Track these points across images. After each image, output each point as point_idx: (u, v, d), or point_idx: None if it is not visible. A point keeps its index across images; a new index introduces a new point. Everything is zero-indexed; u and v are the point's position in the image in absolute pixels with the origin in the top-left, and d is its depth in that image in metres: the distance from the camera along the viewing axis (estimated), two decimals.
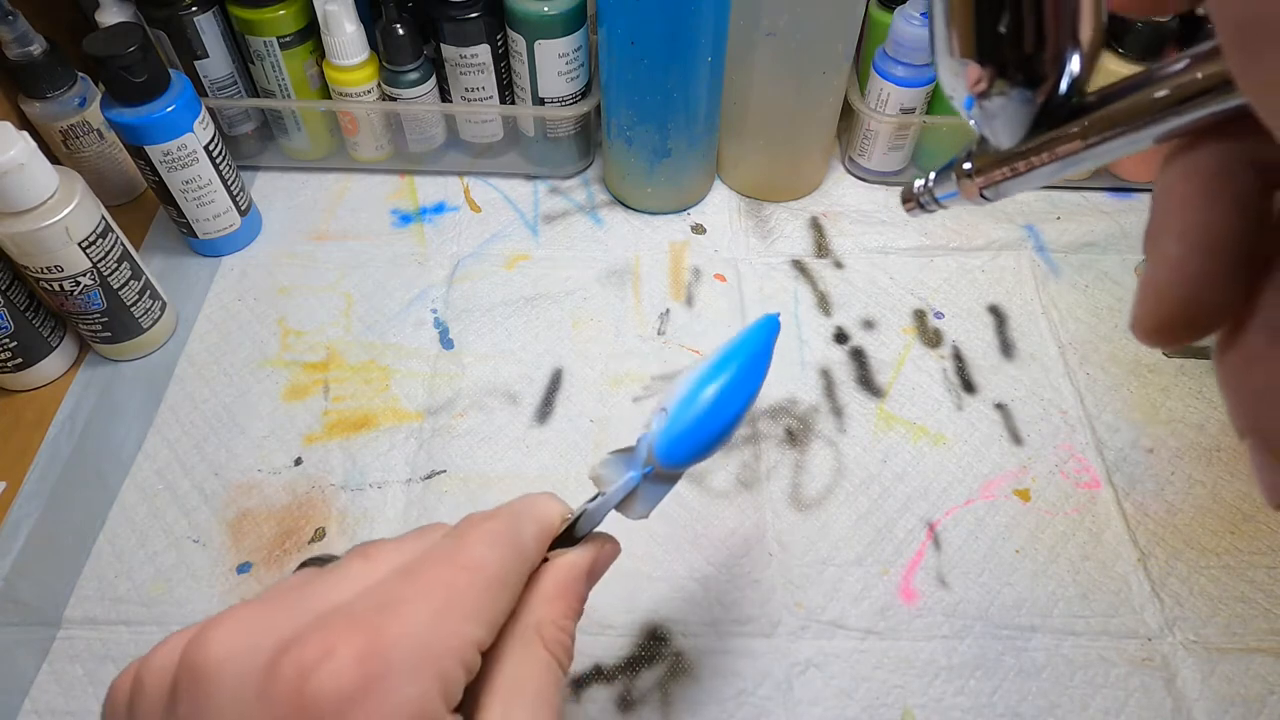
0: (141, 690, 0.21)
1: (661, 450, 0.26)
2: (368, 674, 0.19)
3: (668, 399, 0.26)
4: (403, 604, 0.21)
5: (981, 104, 0.16)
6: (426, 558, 0.23)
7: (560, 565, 0.26)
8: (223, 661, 0.20)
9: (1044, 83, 0.15)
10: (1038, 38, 0.15)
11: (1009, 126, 0.17)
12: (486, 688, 0.23)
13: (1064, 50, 0.15)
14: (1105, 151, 0.16)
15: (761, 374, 0.27)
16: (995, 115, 0.16)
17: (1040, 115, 0.16)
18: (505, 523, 0.24)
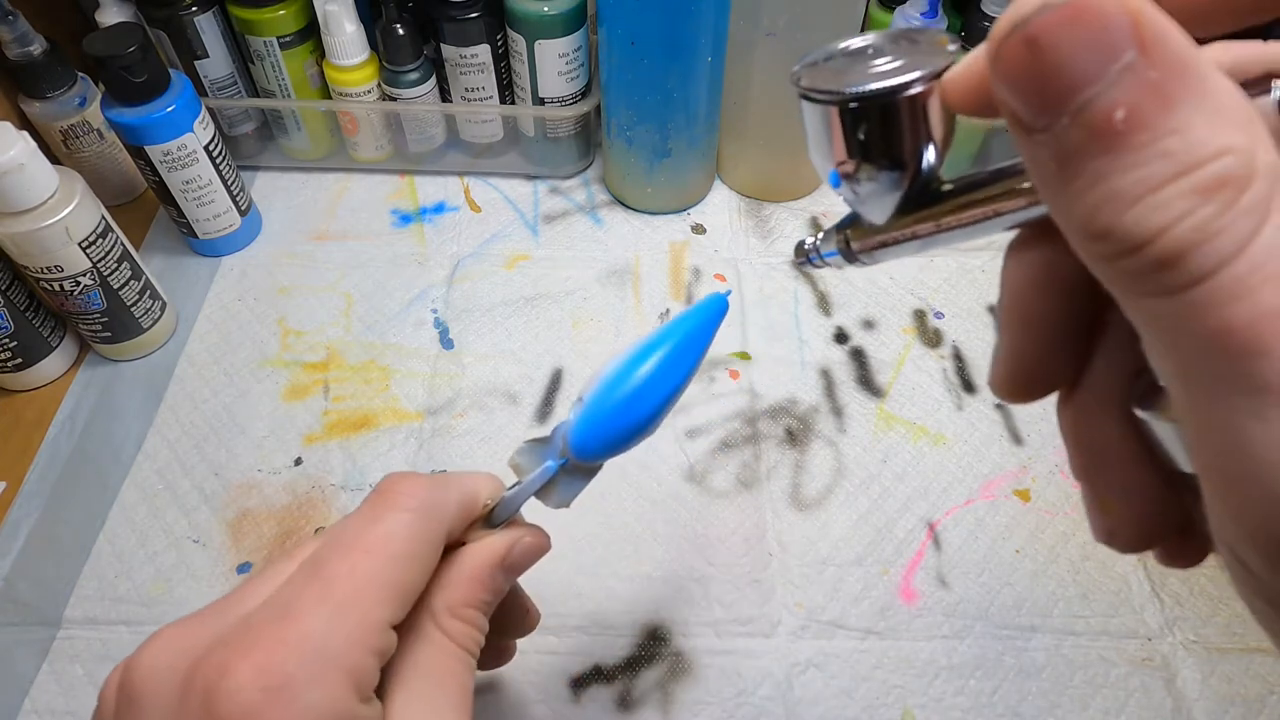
0: (99, 709, 0.22)
1: (574, 443, 0.25)
2: (266, 688, 0.19)
3: (587, 386, 0.25)
4: (302, 606, 0.21)
5: (854, 189, 0.18)
6: (334, 542, 0.23)
7: (469, 551, 0.26)
8: (146, 681, 0.21)
9: (904, 170, 0.17)
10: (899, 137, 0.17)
11: (878, 208, 0.19)
12: (391, 670, 0.23)
13: (920, 145, 0.17)
14: (959, 236, 0.18)
15: (694, 360, 0.25)
16: (866, 199, 0.18)
17: (905, 199, 0.18)
18: (421, 487, 0.24)
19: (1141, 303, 0.13)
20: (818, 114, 0.17)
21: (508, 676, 0.39)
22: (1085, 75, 0.12)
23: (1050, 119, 0.12)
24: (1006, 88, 0.13)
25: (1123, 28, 0.12)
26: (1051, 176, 0.13)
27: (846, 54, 0.18)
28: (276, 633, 0.20)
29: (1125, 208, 0.12)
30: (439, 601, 0.24)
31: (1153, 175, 0.12)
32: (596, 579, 0.42)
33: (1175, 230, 0.12)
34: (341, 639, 0.21)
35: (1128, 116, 0.12)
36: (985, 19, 0.53)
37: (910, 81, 0.16)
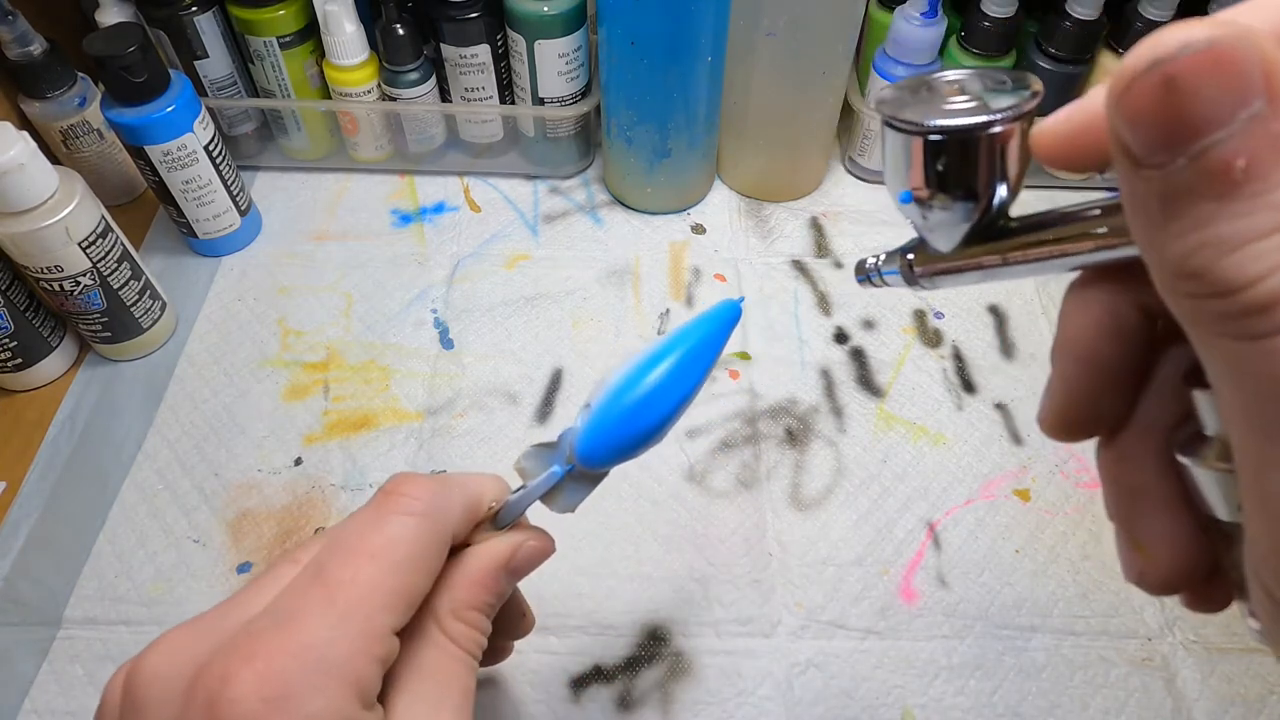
0: (102, 711, 0.22)
1: (581, 450, 0.25)
2: (268, 697, 0.19)
3: (595, 393, 0.25)
4: (304, 613, 0.21)
5: (925, 215, 0.19)
6: (337, 546, 0.22)
7: (473, 554, 0.26)
8: (152, 686, 0.20)
9: (976, 203, 0.18)
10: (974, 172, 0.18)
11: (946, 236, 0.19)
12: (393, 673, 0.23)
13: (993, 182, 0.18)
14: (1022, 271, 0.19)
15: (704, 368, 0.25)
16: (935, 226, 0.19)
17: (972, 231, 0.19)
18: (427, 490, 0.24)
19: (1219, 342, 0.13)
20: (899, 141, 0.18)
21: (508, 676, 0.39)
22: (1214, 120, 0.12)
23: (1167, 158, 0.13)
24: (1128, 122, 0.13)
25: (1256, 76, 0.12)
26: (1153, 213, 0.13)
27: (933, 85, 0.18)
28: (279, 641, 0.20)
29: (1225, 253, 0.12)
30: (443, 604, 0.24)
31: (1259, 225, 0.12)
32: (596, 579, 0.42)
33: (1271, 280, 0.12)
34: (344, 647, 0.20)
35: (1248, 165, 0.12)
36: (985, 19, 0.53)
37: (992, 121, 0.17)
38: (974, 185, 0.18)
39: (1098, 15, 0.51)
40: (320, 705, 0.20)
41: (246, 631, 0.21)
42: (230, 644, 0.20)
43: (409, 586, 0.23)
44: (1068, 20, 0.52)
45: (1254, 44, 0.12)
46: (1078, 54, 0.53)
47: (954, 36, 0.56)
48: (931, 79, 0.19)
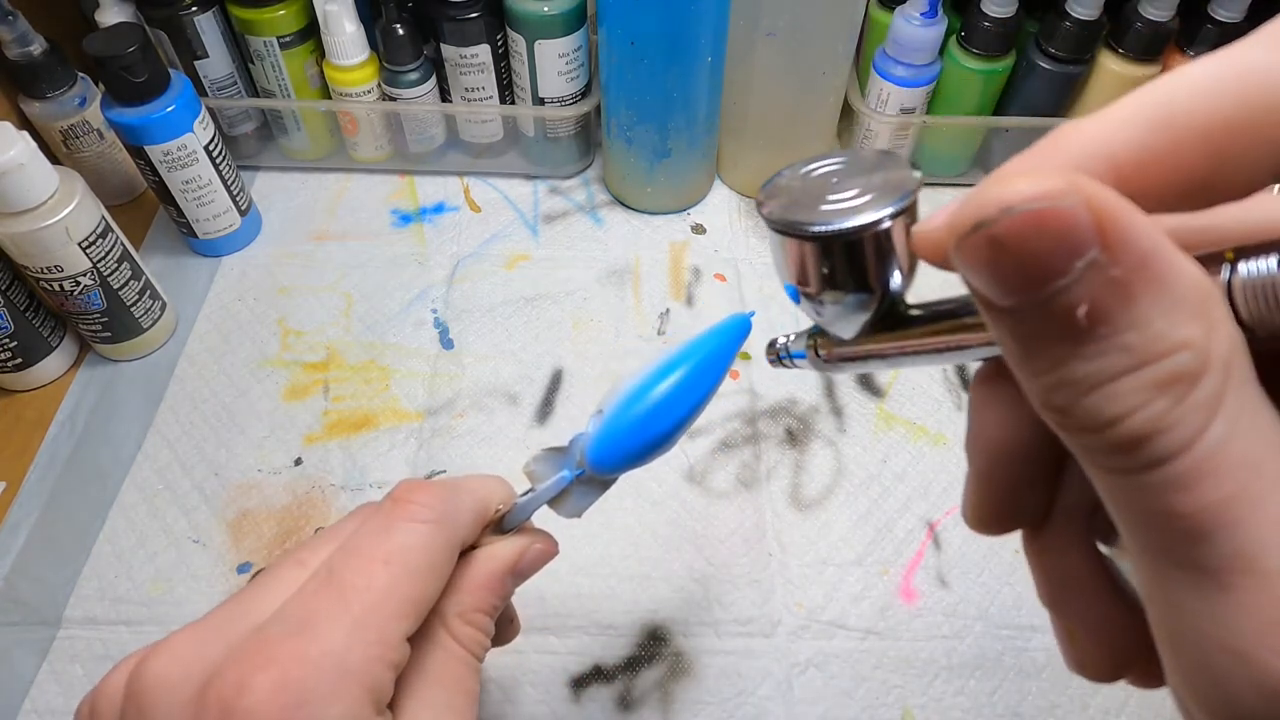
0: (97, 716, 0.21)
1: (592, 456, 0.25)
2: (285, 704, 0.19)
3: (607, 399, 0.25)
4: (319, 619, 0.21)
5: (817, 311, 0.19)
6: (349, 551, 0.22)
7: (481, 557, 0.26)
8: (159, 691, 0.20)
9: (870, 295, 0.18)
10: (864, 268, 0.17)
11: (845, 326, 0.19)
12: (401, 676, 0.22)
13: (886, 273, 0.17)
14: (924, 360, 0.18)
15: (715, 379, 0.25)
16: (831, 320, 0.19)
17: (870, 320, 0.18)
18: (437, 498, 0.24)
19: (1097, 473, 0.13)
20: (783, 241, 0.18)
21: (508, 676, 0.39)
22: (1048, 273, 0.12)
23: (1012, 304, 0.13)
24: (970, 272, 0.13)
25: (1087, 227, 0.12)
26: (1013, 352, 0.14)
27: (812, 178, 0.18)
28: (294, 648, 0.20)
29: (1083, 393, 0.13)
30: (450, 607, 0.24)
31: (1111, 367, 0.12)
32: (596, 579, 0.42)
33: (1131, 420, 0.12)
34: (360, 654, 0.20)
35: (1090, 312, 0.12)
36: (985, 19, 0.53)
37: (878, 220, 0.16)
38: (865, 281, 0.17)
39: (1098, 15, 0.51)
40: (337, 712, 0.20)
41: (259, 637, 0.21)
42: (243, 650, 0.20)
43: (422, 593, 0.23)
44: (1068, 20, 0.52)
45: (1081, 197, 0.12)
46: (1078, 54, 0.53)
47: (954, 36, 0.56)
48: (810, 170, 0.18)
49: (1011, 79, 0.56)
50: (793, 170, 0.19)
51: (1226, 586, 0.12)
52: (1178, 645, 0.13)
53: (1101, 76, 0.55)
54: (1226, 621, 0.12)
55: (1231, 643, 0.12)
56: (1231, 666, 0.12)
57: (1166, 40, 0.52)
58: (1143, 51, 0.52)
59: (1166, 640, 0.14)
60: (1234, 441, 0.12)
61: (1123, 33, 0.53)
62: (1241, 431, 0.12)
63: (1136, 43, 0.52)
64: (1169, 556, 0.13)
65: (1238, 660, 0.12)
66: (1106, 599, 0.18)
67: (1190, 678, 0.13)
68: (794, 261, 0.18)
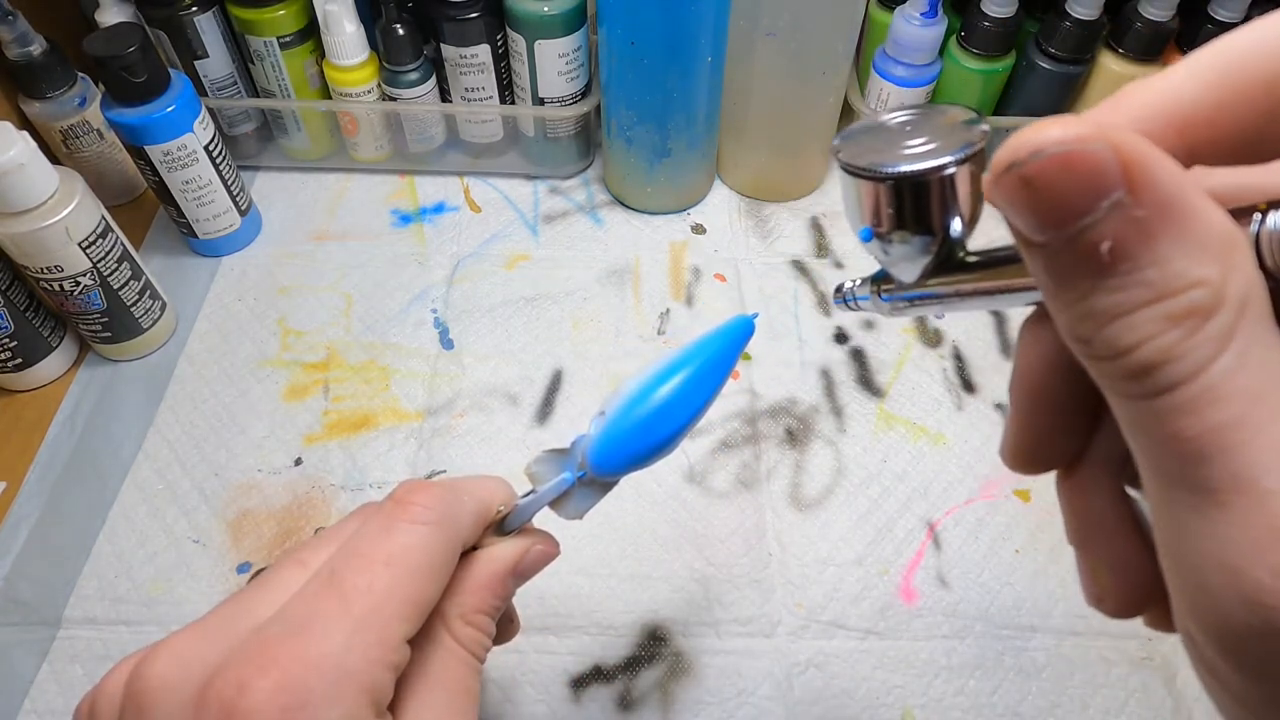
0: (96, 717, 0.21)
1: (594, 458, 0.25)
2: (286, 706, 0.19)
3: (610, 401, 0.25)
4: (320, 620, 0.21)
5: (885, 250, 0.20)
6: (350, 552, 0.22)
7: (482, 558, 0.26)
8: (159, 692, 0.20)
9: (932, 239, 0.19)
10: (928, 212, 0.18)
11: (907, 269, 0.20)
12: (402, 678, 0.22)
13: (948, 218, 0.18)
14: (978, 303, 0.19)
15: (718, 382, 0.25)
16: (896, 261, 0.20)
17: (932, 264, 0.20)
18: (439, 499, 0.24)
19: (1116, 399, 0.14)
20: (856, 185, 0.19)
21: (508, 676, 0.39)
22: (1075, 211, 0.13)
23: (1046, 239, 0.14)
24: (1006, 208, 0.14)
25: (1113, 169, 0.13)
26: (1045, 285, 0.15)
27: (886, 128, 0.19)
28: (295, 649, 0.20)
29: (1104, 324, 0.14)
30: (451, 608, 0.24)
31: (1130, 300, 0.13)
32: (596, 579, 0.42)
33: (1144, 349, 0.13)
34: (361, 656, 0.20)
35: (1113, 249, 0.13)
36: (985, 19, 0.53)
37: (943, 165, 0.17)
38: (929, 224, 0.18)
39: (1098, 15, 0.51)
40: (337, 714, 0.20)
41: (260, 638, 0.20)
42: (244, 651, 0.20)
43: (423, 595, 0.22)
44: (1068, 20, 0.52)
45: (1107, 141, 0.13)
46: (1078, 54, 0.53)
47: (954, 36, 0.56)
48: (884, 121, 0.20)
49: (1011, 79, 0.56)
50: (869, 120, 0.20)
51: (1224, 505, 0.13)
52: (1179, 564, 0.14)
53: (1101, 76, 0.55)
54: (1222, 538, 0.13)
55: (1226, 559, 0.13)
56: (1225, 582, 0.13)
57: (1166, 40, 0.52)
58: (1143, 51, 0.52)
59: (1169, 560, 0.14)
60: (1241, 373, 0.13)
61: (1123, 33, 0.53)
62: (1250, 365, 0.13)
63: (1136, 43, 0.52)
64: (1174, 478, 0.14)
65: (1231, 576, 0.13)
66: (1130, 538, 0.19)
67: (1188, 595, 0.14)
68: (867, 204, 0.19)
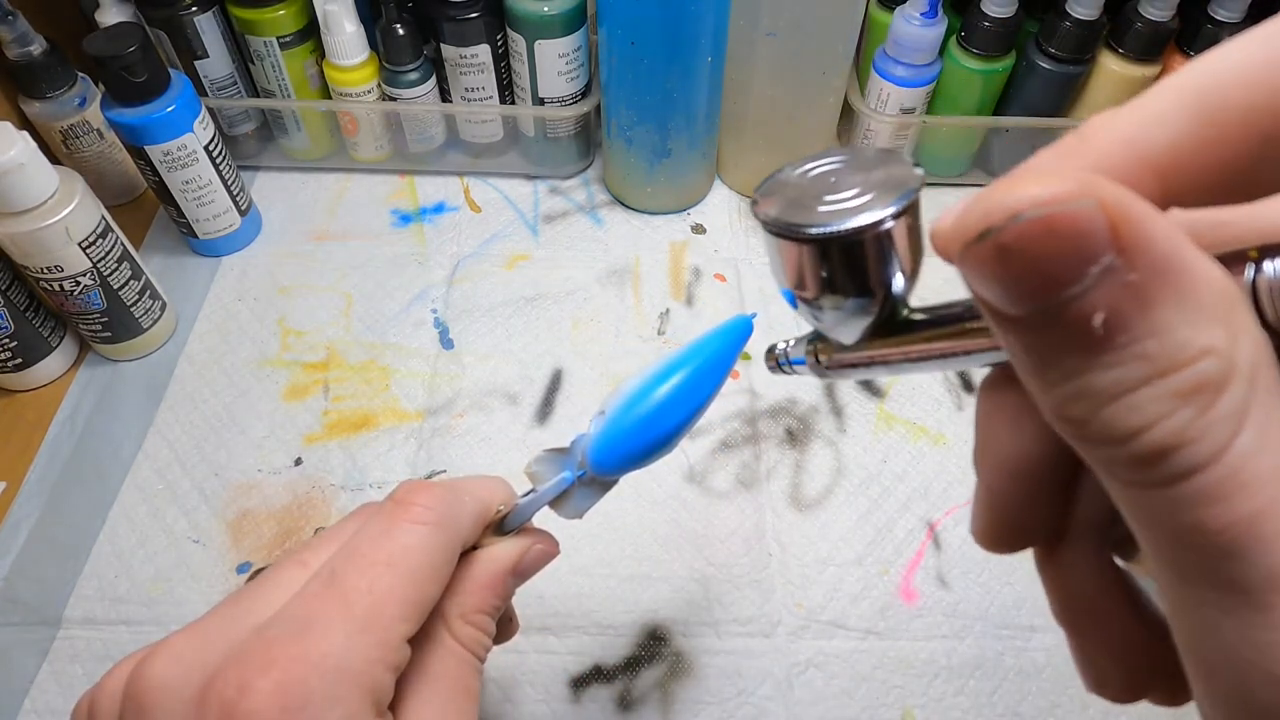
0: (96, 717, 0.21)
1: (594, 457, 0.25)
2: (286, 706, 0.19)
3: (609, 401, 0.25)
4: (321, 620, 0.21)
5: (816, 316, 0.18)
6: (351, 552, 0.22)
7: (482, 557, 0.26)
8: (159, 692, 0.20)
9: (871, 299, 0.17)
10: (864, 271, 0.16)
11: (846, 332, 0.18)
12: (403, 678, 0.22)
13: (888, 275, 0.16)
14: (929, 366, 0.17)
15: (717, 381, 0.25)
16: (831, 325, 0.18)
17: (872, 325, 0.18)
18: (439, 499, 0.24)
19: (1117, 487, 0.13)
20: (778, 245, 0.17)
21: (507, 676, 0.39)
22: (1060, 279, 0.11)
23: (1025, 312, 0.12)
24: (976, 281, 0.12)
25: (1101, 231, 0.11)
26: (1025, 364, 0.13)
27: (809, 177, 0.17)
28: (296, 650, 0.20)
29: (1102, 405, 0.12)
30: (452, 608, 0.24)
31: (1130, 377, 0.12)
32: (596, 579, 0.42)
33: (1152, 433, 0.12)
34: (362, 657, 0.20)
35: (1107, 320, 0.11)
36: (985, 19, 0.53)
37: (879, 220, 0.15)
38: (865, 284, 0.16)
39: (1098, 15, 0.51)
40: (338, 714, 0.20)
41: (261, 639, 0.20)
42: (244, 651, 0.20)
43: (423, 596, 0.22)
44: (1068, 20, 0.52)
45: (1095, 199, 0.11)
46: (1078, 54, 0.53)
47: (954, 36, 0.56)
48: (808, 169, 0.18)
49: (1011, 79, 0.56)
50: (790, 169, 0.18)
51: (1264, 607, 0.11)
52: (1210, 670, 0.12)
53: (1101, 76, 0.55)
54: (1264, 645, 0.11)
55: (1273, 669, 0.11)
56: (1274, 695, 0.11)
57: (1166, 40, 0.52)
58: (1143, 51, 0.52)
59: (1197, 664, 0.13)
60: (1265, 453, 0.11)
61: (1123, 33, 0.53)
62: (1272, 442, 0.11)
63: (1136, 43, 0.52)
64: (1199, 575, 0.12)
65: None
66: (1126, 617, 0.17)
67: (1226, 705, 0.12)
68: (791, 265, 0.17)
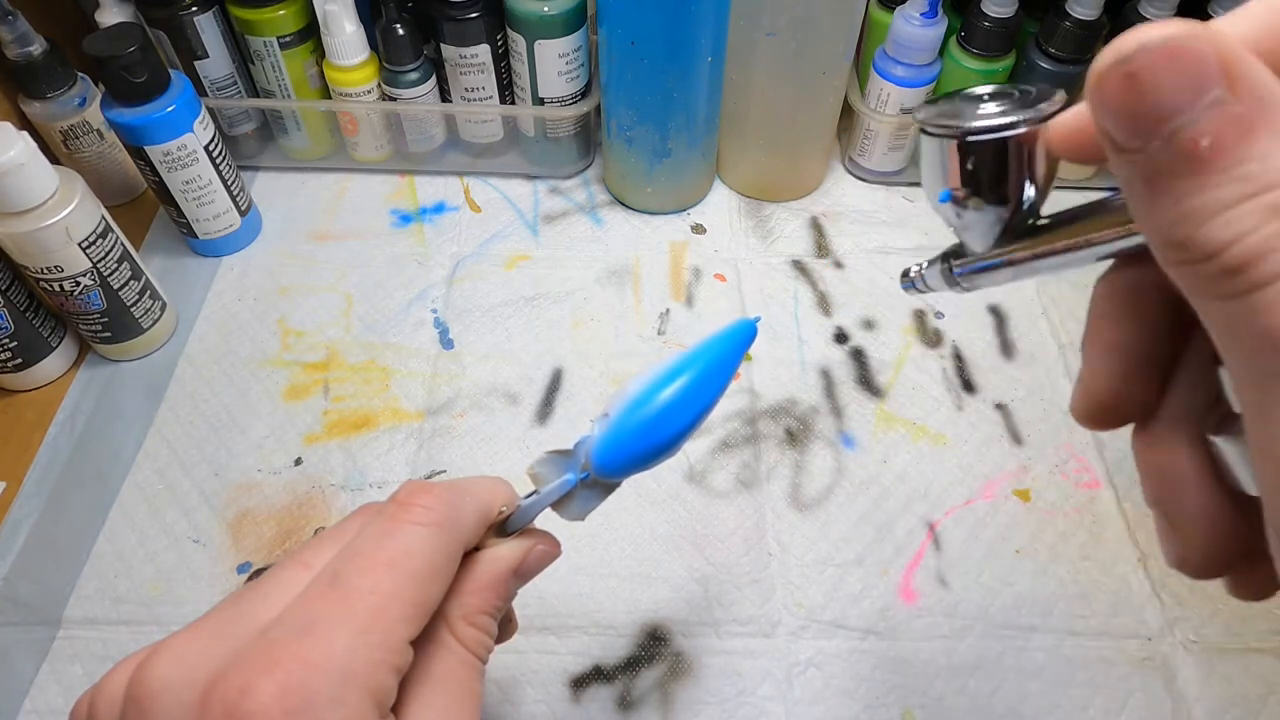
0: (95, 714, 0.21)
1: (598, 459, 0.25)
2: (289, 709, 0.19)
3: (613, 403, 0.25)
4: (324, 622, 0.21)
5: (959, 214, 0.20)
6: (353, 554, 0.22)
7: (485, 559, 0.26)
8: (161, 693, 0.20)
9: (1007, 203, 0.19)
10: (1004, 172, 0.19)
11: (980, 236, 0.21)
12: (405, 679, 0.22)
13: (1022, 182, 0.19)
14: (1053, 265, 0.20)
15: (721, 384, 0.25)
16: (969, 226, 0.20)
17: (1005, 230, 0.20)
18: (441, 501, 0.24)
19: (1210, 304, 0.14)
20: (934, 146, 0.19)
21: (508, 676, 0.39)
22: (1176, 107, 0.13)
23: (1142, 142, 0.14)
24: (1105, 113, 0.14)
25: (1213, 67, 0.13)
26: (1139, 192, 0.15)
27: (966, 97, 0.20)
28: (299, 652, 0.20)
29: (1203, 221, 0.14)
30: (454, 609, 0.24)
31: (1230, 195, 0.13)
32: (596, 579, 0.42)
33: (1243, 243, 0.13)
34: (364, 659, 0.20)
35: (1212, 144, 0.13)
36: (985, 19, 0.53)
37: (1017, 122, 0.18)
38: (1004, 185, 0.19)
39: (1098, 15, 0.51)
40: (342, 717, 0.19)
41: (264, 640, 0.20)
42: (247, 654, 0.20)
43: (426, 597, 0.22)
44: (1068, 20, 0.52)
45: (1208, 39, 0.13)
46: (1078, 54, 0.53)
47: (954, 36, 0.56)
48: (964, 91, 0.20)
49: (1011, 79, 0.56)
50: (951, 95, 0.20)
51: None
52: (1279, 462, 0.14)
53: None
54: None
55: None
56: None
57: None
58: None
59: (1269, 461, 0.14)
60: None
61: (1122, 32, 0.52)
62: None
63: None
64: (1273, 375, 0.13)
65: None
66: (1213, 494, 0.18)
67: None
68: (943, 164, 0.19)
